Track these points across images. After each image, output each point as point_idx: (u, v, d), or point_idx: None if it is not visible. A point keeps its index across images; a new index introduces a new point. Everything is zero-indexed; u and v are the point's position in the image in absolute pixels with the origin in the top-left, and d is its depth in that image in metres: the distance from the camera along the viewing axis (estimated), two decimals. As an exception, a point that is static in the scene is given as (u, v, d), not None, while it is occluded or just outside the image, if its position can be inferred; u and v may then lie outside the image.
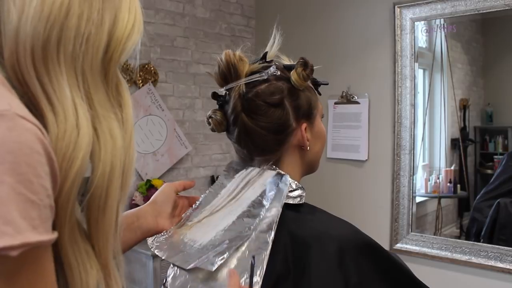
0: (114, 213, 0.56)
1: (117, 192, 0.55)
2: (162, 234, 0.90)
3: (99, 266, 0.55)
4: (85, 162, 0.51)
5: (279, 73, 0.88)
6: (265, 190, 0.86)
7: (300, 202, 0.87)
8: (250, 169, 0.92)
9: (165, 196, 0.93)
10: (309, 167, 0.96)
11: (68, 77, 0.52)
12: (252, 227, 0.81)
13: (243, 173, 0.93)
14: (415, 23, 2.54)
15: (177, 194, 0.96)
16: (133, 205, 2.66)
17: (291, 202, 0.86)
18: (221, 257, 0.77)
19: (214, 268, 0.76)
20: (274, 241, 0.80)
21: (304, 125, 0.90)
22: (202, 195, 0.96)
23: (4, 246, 0.42)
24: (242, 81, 0.88)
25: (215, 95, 0.94)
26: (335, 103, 2.89)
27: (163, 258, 0.86)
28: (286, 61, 0.95)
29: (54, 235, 0.47)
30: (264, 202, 0.84)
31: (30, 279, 0.45)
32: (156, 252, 0.87)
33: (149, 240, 0.90)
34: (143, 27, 0.59)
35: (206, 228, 0.86)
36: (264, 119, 0.88)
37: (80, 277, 0.52)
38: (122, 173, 0.56)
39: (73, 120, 0.51)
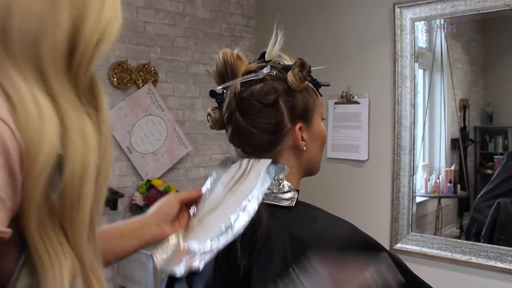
0: (87, 215, 0.54)
1: (90, 194, 0.53)
2: (168, 248, 0.87)
3: (75, 258, 0.53)
4: (51, 155, 0.49)
5: (274, 73, 0.88)
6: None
7: (291, 205, 0.87)
8: (246, 160, 0.91)
9: (169, 206, 0.91)
10: (308, 168, 0.95)
11: (23, 72, 0.50)
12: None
13: (238, 163, 0.91)
14: (415, 23, 2.54)
15: (183, 204, 0.93)
16: (133, 205, 2.67)
17: (284, 204, 0.86)
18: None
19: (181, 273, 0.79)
20: (273, 241, 0.80)
21: (298, 125, 0.90)
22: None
23: None
24: (238, 80, 0.88)
25: (213, 93, 0.95)
26: (335, 103, 2.89)
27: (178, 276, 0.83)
28: (288, 61, 0.94)
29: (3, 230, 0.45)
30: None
31: None
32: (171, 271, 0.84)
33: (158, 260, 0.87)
34: (115, 34, 0.57)
35: (203, 231, 0.86)
36: (258, 119, 0.88)
37: (53, 270, 0.50)
38: (97, 178, 0.54)
39: (34, 111, 0.49)
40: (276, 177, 0.87)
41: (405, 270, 0.87)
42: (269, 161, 0.87)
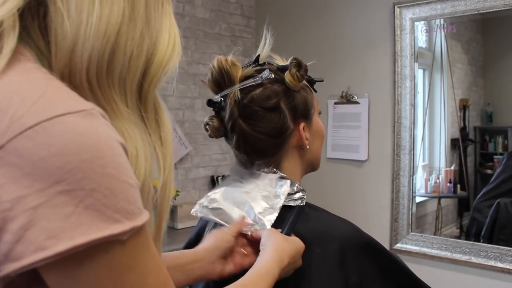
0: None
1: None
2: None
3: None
4: (153, 196, 0.55)
5: (273, 76, 0.88)
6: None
7: (302, 204, 0.87)
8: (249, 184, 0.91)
9: (224, 243, 0.84)
10: (310, 166, 0.97)
11: (119, 95, 0.53)
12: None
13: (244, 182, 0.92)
14: (415, 23, 2.54)
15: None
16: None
17: (293, 204, 0.86)
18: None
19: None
20: None
21: (302, 125, 0.90)
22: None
23: (123, 231, 0.44)
24: (236, 87, 0.87)
25: (210, 102, 0.93)
26: (335, 103, 2.89)
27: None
28: (279, 61, 0.94)
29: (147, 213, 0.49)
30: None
31: (144, 257, 0.48)
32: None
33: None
34: (181, 50, 0.59)
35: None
36: (262, 124, 0.87)
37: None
38: (163, 198, 0.57)
39: (143, 154, 0.53)
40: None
41: (405, 270, 0.87)
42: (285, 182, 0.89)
